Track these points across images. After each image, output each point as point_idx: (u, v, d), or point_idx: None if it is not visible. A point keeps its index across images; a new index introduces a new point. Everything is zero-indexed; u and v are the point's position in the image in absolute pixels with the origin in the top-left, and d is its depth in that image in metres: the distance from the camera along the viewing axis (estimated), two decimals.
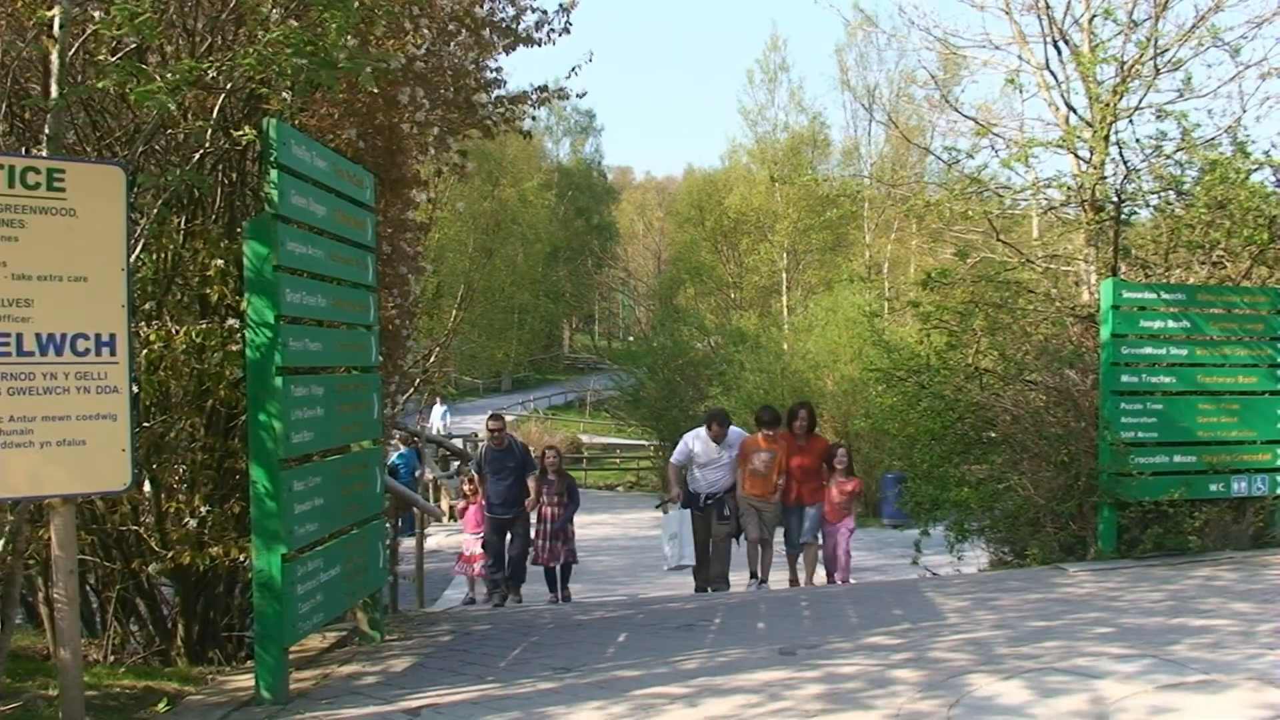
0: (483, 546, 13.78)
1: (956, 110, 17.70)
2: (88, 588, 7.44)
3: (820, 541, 12.81)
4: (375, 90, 7.22)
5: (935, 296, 13.05)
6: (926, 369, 12.95)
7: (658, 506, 16.49)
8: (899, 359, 14.28)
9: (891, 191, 18.47)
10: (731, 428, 13.02)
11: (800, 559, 12.89)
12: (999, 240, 13.32)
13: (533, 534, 13.49)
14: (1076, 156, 12.91)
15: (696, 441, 12.82)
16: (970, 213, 13.17)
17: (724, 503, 12.73)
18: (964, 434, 12.35)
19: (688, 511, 12.76)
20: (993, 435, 12.06)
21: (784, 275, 50.52)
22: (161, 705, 6.08)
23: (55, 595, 5.53)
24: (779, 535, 13.27)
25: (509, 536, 13.34)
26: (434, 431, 30.20)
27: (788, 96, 57.20)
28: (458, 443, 32.21)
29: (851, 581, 12.61)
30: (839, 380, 27.68)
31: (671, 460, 13.26)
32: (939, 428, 12.45)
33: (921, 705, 5.58)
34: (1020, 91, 13.42)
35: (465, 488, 15.55)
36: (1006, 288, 12.55)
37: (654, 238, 72.88)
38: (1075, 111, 13.40)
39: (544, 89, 9.92)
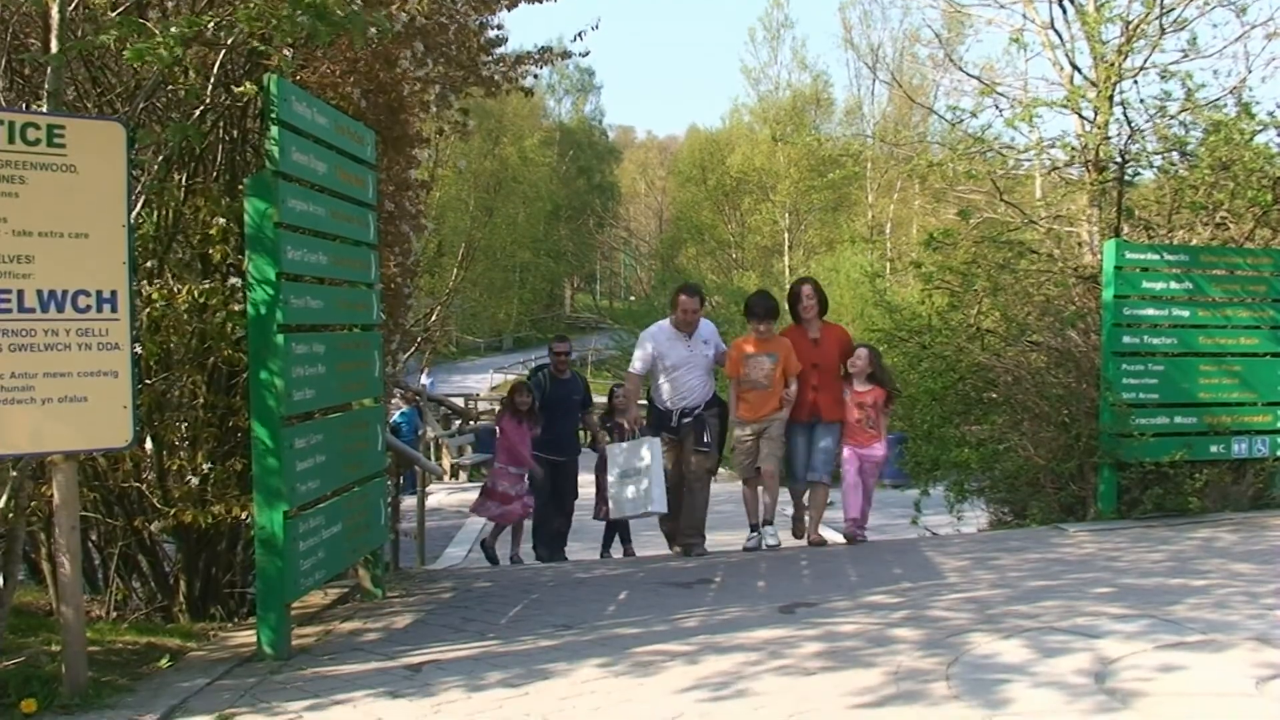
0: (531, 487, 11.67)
1: (960, 69, 17.71)
2: (90, 544, 7.46)
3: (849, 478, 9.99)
4: (375, 47, 7.18)
5: (938, 257, 13.04)
6: (928, 329, 12.95)
7: (608, 432, 11.39)
8: (901, 319, 14.26)
9: (894, 151, 18.39)
10: (704, 321, 10.29)
11: (805, 498, 10.11)
12: (1002, 200, 13.31)
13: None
14: (1080, 117, 12.87)
15: (660, 334, 10.09)
16: (973, 173, 13.15)
17: (703, 424, 9.92)
18: (965, 394, 12.35)
19: (657, 440, 9.94)
20: (994, 396, 12.07)
21: (786, 235, 50.54)
22: (164, 661, 6.11)
23: (57, 552, 5.55)
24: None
25: (554, 492, 11.82)
26: None
27: (790, 55, 57.24)
28: (459, 401, 32.29)
29: (860, 536, 10.03)
30: None
31: (630, 368, 10.43)
32: (940, 388, 12.45)
33: (921, 663, 5.60)
34: (1024, 51, 13.47)
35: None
36: (1009, 248, 12.53)
37: (656, 197, 72.79)
38: (1080, 71, 13.37)
39: (548, 49, 9.87)
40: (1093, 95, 12.37)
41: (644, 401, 11.04)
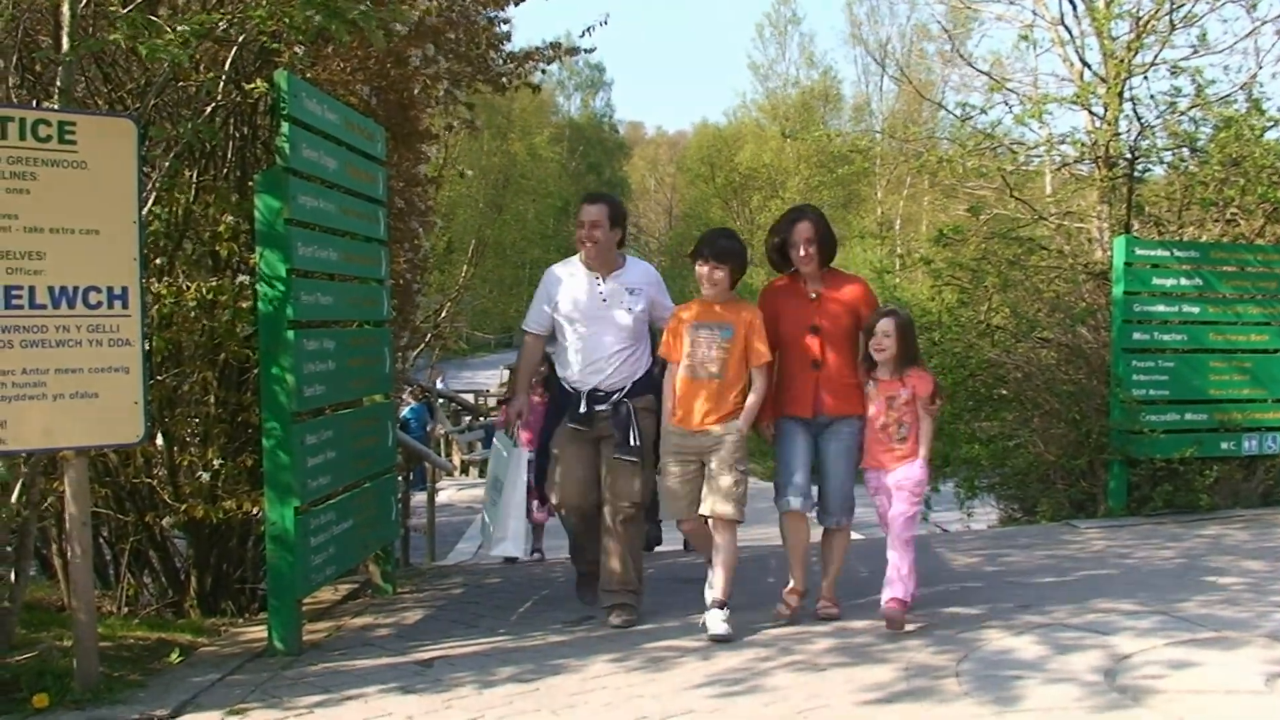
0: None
1: (970, 65, 17.68)
2: (101, 540, 7.48)
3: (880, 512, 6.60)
4: (386, 46, 7.18)
5: (947, 253, 13.01)
6: (938, 326, 12.90)
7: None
8: (910, 316, 14.22)
9: (904, 147, 18.34)
10: (638, 262, 7.20)
11: (804, 520, 6.64)
12: (1012, 197, 13.26)
13: None
14: (1090, 113, 12.84)
15: (560, 271, 7.02)
16: (983, 169, 13.11)
17: (627, 418, 6.65)
18: (975, 391, 12.31)
19: (523, 454, 7.12)
20: (1004, 392, 12.04)
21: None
22: (175, 656, 6.12)
23: (69, 547, 5.56)
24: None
25: None
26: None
27: (798, 51, 57.07)
28: (469, 397, 32.33)
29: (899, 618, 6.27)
30: None
31: (524, 324, 7.16)
32: (950, 385, 12.39)
33: (932, 660, 5.60)
34: (1034, 47, 13.37)
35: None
36: (1019, 244, 12.48)
37: (665, 193, 72.72)
38: (1089, 67, 13.33)
39: (556, 45, 9.87)
40: (1102, 91, 12.33)
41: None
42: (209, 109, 6.95)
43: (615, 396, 6.71)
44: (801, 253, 6.52)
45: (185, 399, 7.39)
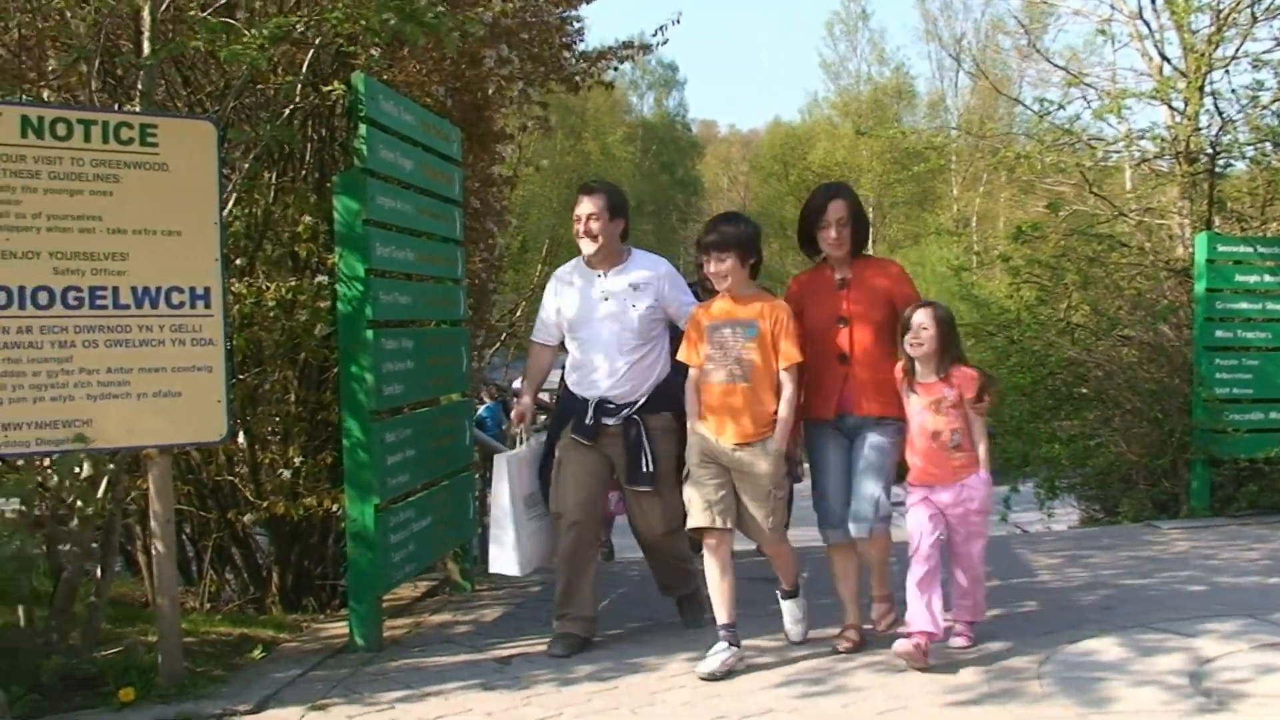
0: None
1: (1047, 60, 17.48)
2: (184, 537, 7.58)
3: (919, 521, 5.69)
4: (461, 48, 7.23)
5: (1026, 250, 12.89)
6: (1016, 324, 12.78)
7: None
8: (988, 314, 14.12)
9: (980, 144, 18.19)
10: (647, 255, 6.43)
11: (853, 552, 5.94)
12: (1091, 193, 13.11)
13: None
14: (1170, 108, 12.64)
15: (564, 273, 6.44)
16: (1062, 165, 12.97)
17: (639, 437, 6.03)
18: (1055, 390, 12.20)
19: (516, 455, 6.32)
20: (1084, 391, 11.92)
21: (870, 230, 50.23)
22: (257, 652, 6.19)
23: (153, 544, 5.64)
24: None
25: None
26: None
27: (869, 48, 56.66)
28: (544, 396, 32.38)
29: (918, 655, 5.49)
30: None
31: (532, 335, 6.63)
32: (1029, 383, 12.30)
33: (1014, 661, 5.54)
34: (1112, 41, 13.18)
35: None
36: (1099, 241, 12.33)
37: (738, 192, 72.48)
38: (1169, 61, 13.12)
39: (629, 44, 9.87)
40: (1182, 86, 12.13)
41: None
42: (287, 111, 7.02)
43: (626, 411, 6.04)
44: (833, 234, 5.83)
45: (266, 397, 7.47)
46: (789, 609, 6.14)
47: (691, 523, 5.76)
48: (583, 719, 5.02)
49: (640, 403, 6.06)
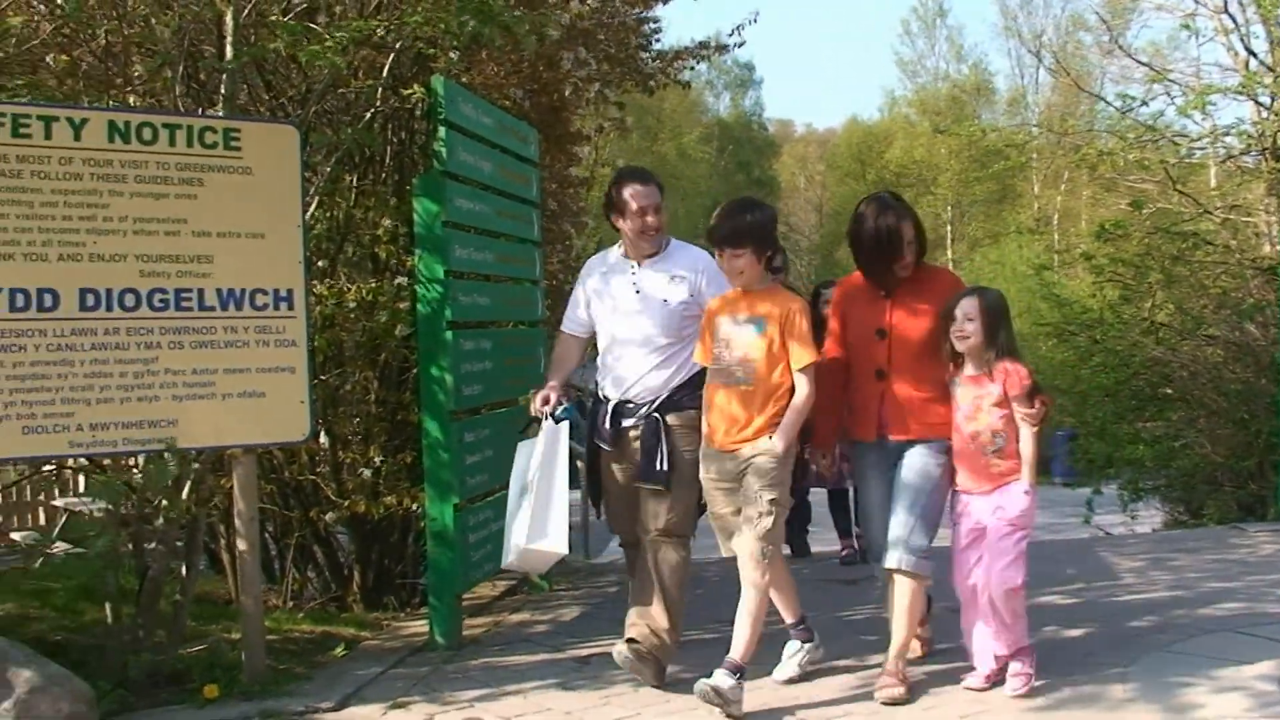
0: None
1: (1130, 56, 17.25)
2: (267, 535, 7.67)
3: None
4: (538, 50, 7.26)
5: (1109, 248, 12.72)
6: (1099, 323, 12.62)
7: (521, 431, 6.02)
8: (1070, 313, 13.94)
9: (1061, 141, 17.97)
10: (687, 248, 5.84)
11: (892, 593, 5.23)
12: (1175, 190, 12.91)
13: None
14: (1257, 103, 12.44)
15: (597, 263, 5.91)
16: (1145, 162, 12.79)
17: (656, 434, 5.42)
18: (1139, 390, 12.03)
19: (559, 429, 5.54)
20: (1169, 391, 11.74)
21: (948, 229, 49.73)
22: (339, 650, 6.26)
23: (237, 543, 5.72)
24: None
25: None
26: None
27: (946, 45, 56.19)
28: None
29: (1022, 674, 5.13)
30: None
31: (562, 325, 6.02)
32: (1112, 384, 12.13)
33: (1097, 664, 5.45)
34: (1196, 36, 13.00)
35: None
36: (1183, 239, 12.13)
37: (815, 191, 72.19)
38: (1255, 56, 12.91)
39: (705, 44, 9.87)
40: (1269, 81, 11.94)
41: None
42: (368, 115, 7.09)
43: (644, 410, 5.46)
44: (908, 259, 5.31)
45: (347, 398, 7.55)
46: (793, 646, 5.57)
47: (725, 553, 5.34)
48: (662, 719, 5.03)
49: (661, 399, 5.47)
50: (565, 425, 5.52)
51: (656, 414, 5.44)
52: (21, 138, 5.02)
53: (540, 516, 5.37)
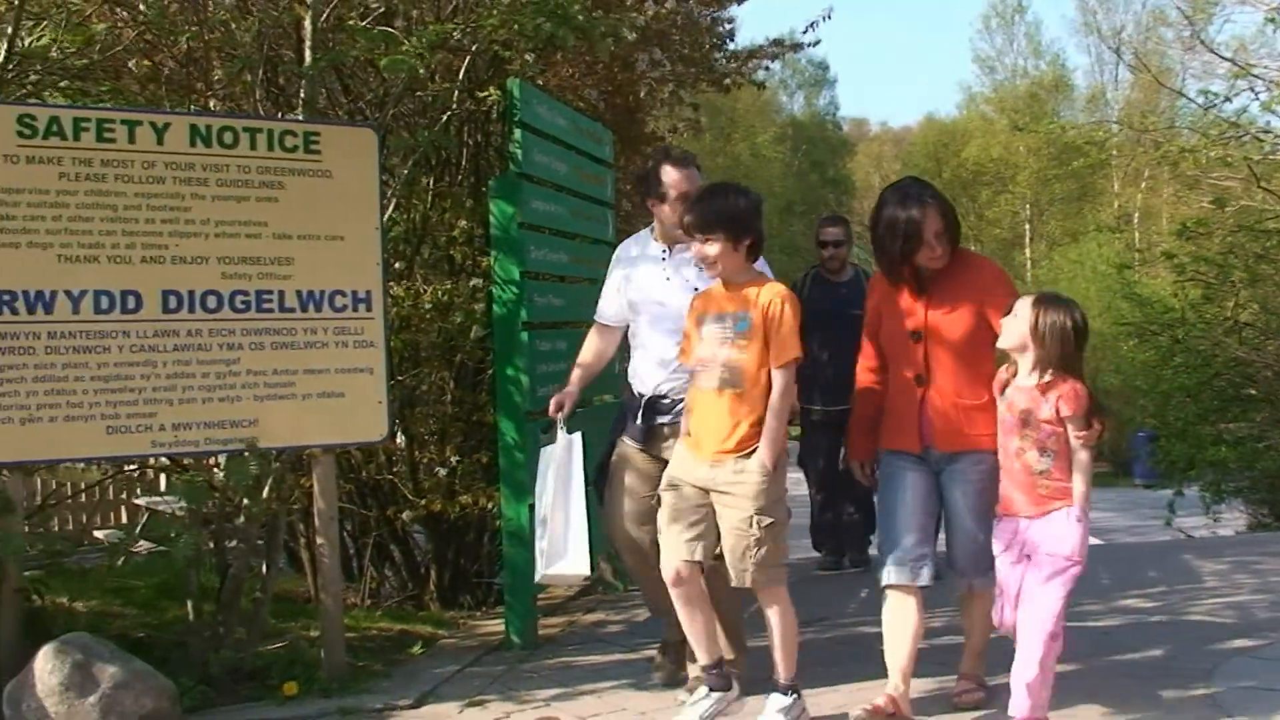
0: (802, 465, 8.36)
1: (1212, 51, 16.95)
2: (345, 534, 7.75)
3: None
4: (613, 52, 7.28)
5: (1191, 247, 12.54)
6: (1181, 323, 12.44)
7: (544, 430, 5.85)
8: (1152, 313, 13.77)
9: (1142, 138, 17.74)
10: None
11: (914, 601, 4.79)
12: (1260, 187, 12.70)
13: None
14: None
15: (632, 246, 5.57)
16: (1228, 159, 12.58)
17: None
18: (1221, 391, 11.85)
19: (572, 441, 5.23)
20: (1252, 392, 11.56)
21: (1027, 227, 49.22)
22: (416, 648, 6.31)
23: (317, 541, 5.79)
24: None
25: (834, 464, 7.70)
26: None
27: (1025, 41, 55.57)
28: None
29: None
30: None
31: (597, 315, 5.65)
32: (1195, 384, 11.96)
33: (1180, 670, 5.37)
34: None
35: None
36: (1268, 237, 11.93)
37: None
38: None
39: (779, 42, 9.84)
40: None
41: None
42: (444, 117, 7.14)
43: (680, 406, 5.02)
44: (938, 251, 4.74)
45: (424, 398, 7.62)
46: (777, 704, 4.81)
47: (665, 568, 4.80)
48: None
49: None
50: (579, 436, 5.19)
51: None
52: (106, 142, 5.11)
53: (559, 536, 5.09)
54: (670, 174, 5.21)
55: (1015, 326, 4.46)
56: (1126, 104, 47.38)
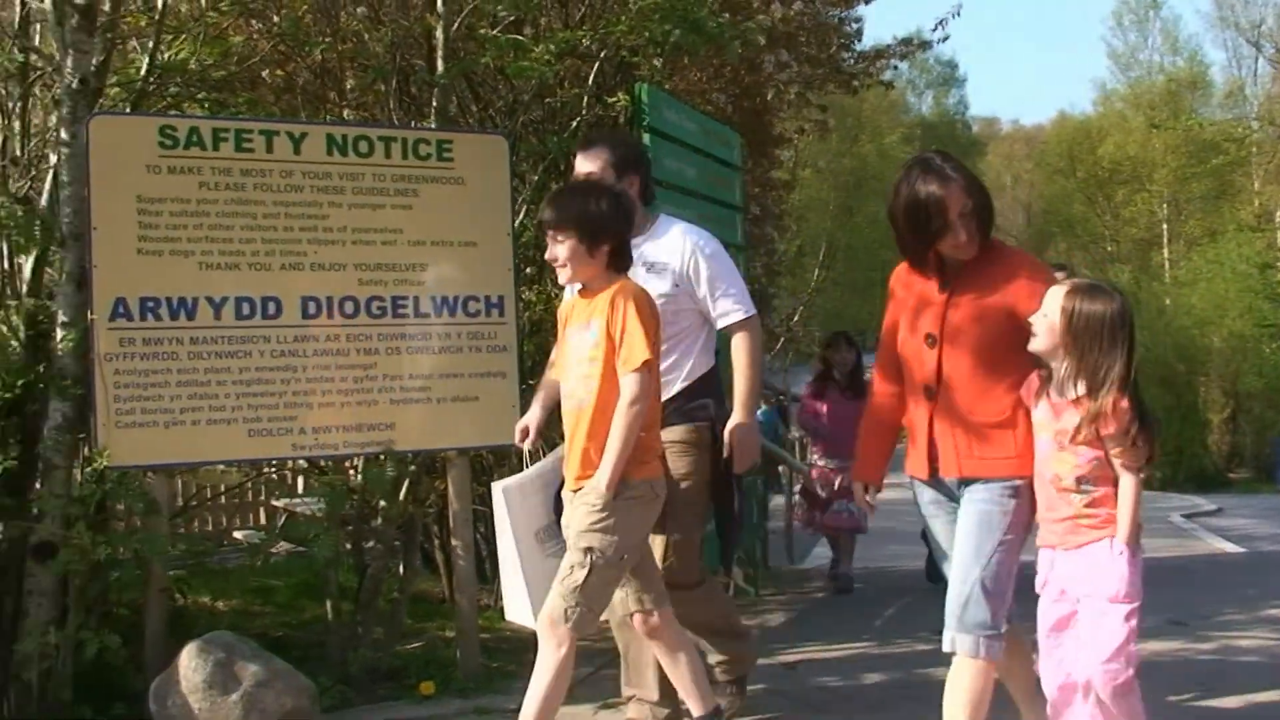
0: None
1: None
2: (479, 536, 7.82)
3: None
4: (740, 56, 7.28)
5: None
6: None
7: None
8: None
9: None
10: (670, 221, 4.85)
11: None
12: None
13: None
14: None
15: None
16: None
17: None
18: None
19: (498, 491, 4.55)
20: None
21: (1164, 226, 48.08)
22: None
23: (452, 543, 5.86)
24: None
25: None
26: None
27: (1160, 37, 54.32)
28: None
29: None
30: (1226, 337, 26.07)
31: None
32: None
33: None
34: None
35: None
36: None
37: (1022, 190, 70.61)
38: None
39: (908, 41, 9.76)
40: None
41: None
42: (573, 123, 7.19)
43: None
44: (963, 237, 3.99)
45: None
46: None
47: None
48: None
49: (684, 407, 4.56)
50: (500, 488, 4.55)
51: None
52: (244, 152, 5.24)
53: (506, 585, 4.71)
54: (578, 165, 4.68)
55: (1045, 325, 3.73)
56: (1266, 99, 46.06)
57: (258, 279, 5.22)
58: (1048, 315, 3.70)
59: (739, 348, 4.58)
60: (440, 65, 6.12)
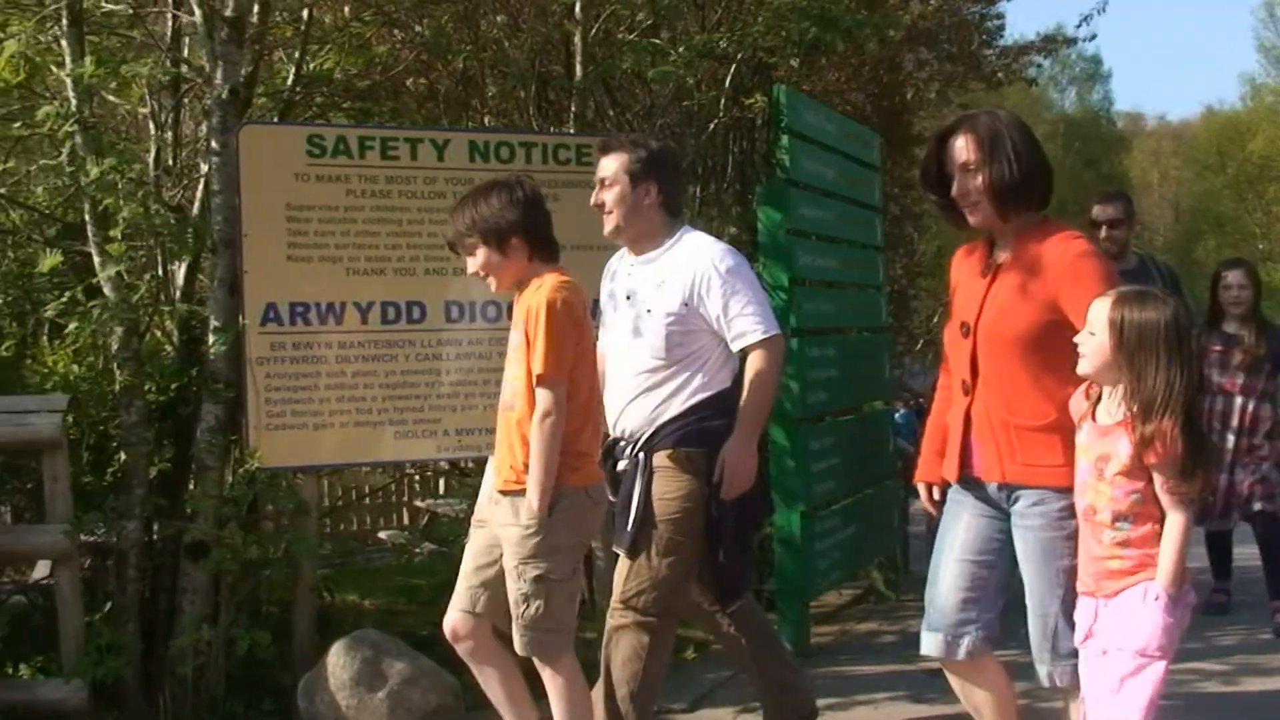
0: None
1: None
2: None
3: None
4: (878, 53, 7.22)
5: None
6: None
7: None
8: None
9: None
10: (710, 242, 4.44)
11: (977, 675, 4.03)
12: None
13: None
14: None
15: (615, 262, 4.70)
16: None
17: (636, 473, 4.22)
18: None
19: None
20: None
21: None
22: (689, 652, 6.35)
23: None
24: None
25: None
26: None
27: None
28: None
29: None
30: None
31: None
32: None
33: None
34: None
35: None
36: None
37: (1170, 187, 68.88)
38: None
39: (1051, 38, 9.58)
40: None
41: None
42: (710, 126, 7.19)
43: (632, 449, 4.25)
44: (958, 165, 3.64)
45: None
46: None
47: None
48: None
49: (645, 437, 4.24)
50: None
51: (641, 453, 4.23)
52: (389, 159, 5.35)
53: None
54: (598, 168, 4.50)
55: (1093, 345, 3.27)
56: None
57: (402, 284, 5.33)
58: (1095, 333, 3.25)
59: (751, 367, 4.24)
60: (578, 71, 6.18)
